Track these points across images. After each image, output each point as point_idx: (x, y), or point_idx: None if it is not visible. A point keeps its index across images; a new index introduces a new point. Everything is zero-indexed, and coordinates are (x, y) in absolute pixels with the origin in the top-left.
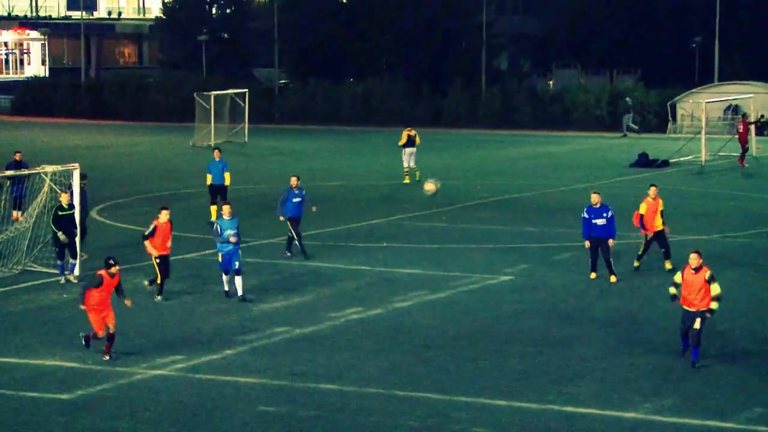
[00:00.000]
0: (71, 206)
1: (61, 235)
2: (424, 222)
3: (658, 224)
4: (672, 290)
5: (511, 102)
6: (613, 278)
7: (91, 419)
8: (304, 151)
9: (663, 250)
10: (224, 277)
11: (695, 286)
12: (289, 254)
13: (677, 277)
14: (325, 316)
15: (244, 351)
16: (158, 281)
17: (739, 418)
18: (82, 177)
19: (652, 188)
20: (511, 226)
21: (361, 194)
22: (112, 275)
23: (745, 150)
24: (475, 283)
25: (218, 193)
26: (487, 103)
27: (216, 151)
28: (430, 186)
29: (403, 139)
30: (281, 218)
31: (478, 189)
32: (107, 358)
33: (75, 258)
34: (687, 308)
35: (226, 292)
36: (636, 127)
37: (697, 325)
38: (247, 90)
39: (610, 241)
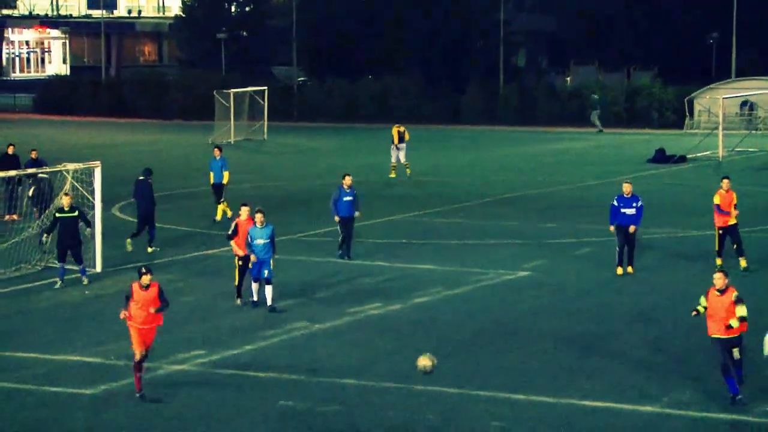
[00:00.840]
0: (73, 209)
1: (44, 238)
2: (442, 218)
3: (732, 218)
4: (700, 309)
5: (529, 99)
6: (630, 269)
7: (114, 414)
8: (322, 149)
9: (735, 246)
10: (254, 286)
11: (721, 309)
12: (340, 252)
13: (703, 301)
14: (345, 312)
15: (263, 346)
16: (236, 284)
17: (757, 411)
18: (149, 173)
19: (725, 180)
20: (529, 222)
21: (379, 191)
22: (144, 287)
23: None
24: (493, 279)
25: (219, 191)
26: (505, 100)
27: (216, 149)
28: (425, 362)
29: (396, 138)
30: (336, 218)
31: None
32: (137, 394)
33: (81, 262)
34: (715, 336)
35: (254, 302)
36: (599, 125)
37: (736, 355)
38: (266, 88)
39: (631, 228)
